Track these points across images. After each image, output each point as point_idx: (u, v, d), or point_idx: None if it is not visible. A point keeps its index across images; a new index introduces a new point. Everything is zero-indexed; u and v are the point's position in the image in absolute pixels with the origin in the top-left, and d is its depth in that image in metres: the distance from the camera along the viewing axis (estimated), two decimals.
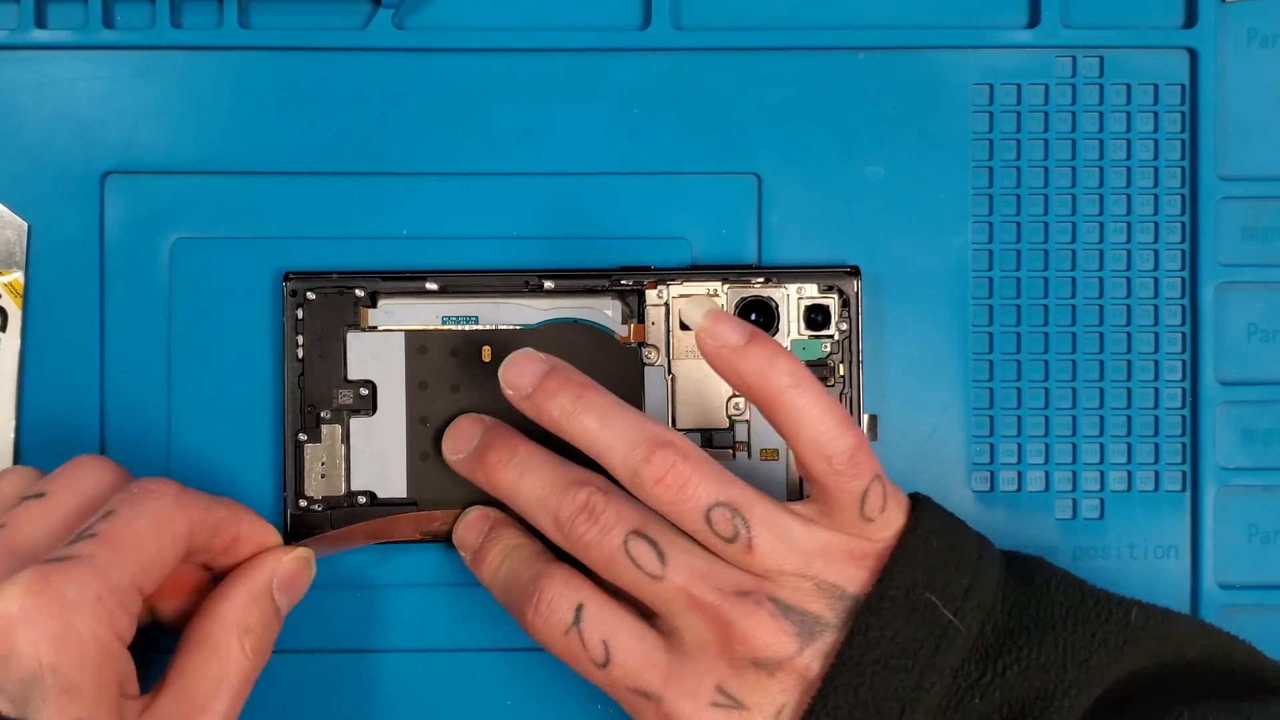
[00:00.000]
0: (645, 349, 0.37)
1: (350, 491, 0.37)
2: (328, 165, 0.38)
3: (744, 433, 0.37)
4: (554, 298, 0.37)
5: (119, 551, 0.30)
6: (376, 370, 0.36)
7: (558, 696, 0.38)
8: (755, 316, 0.37)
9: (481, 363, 0.36)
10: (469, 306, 0.37)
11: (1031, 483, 0.38)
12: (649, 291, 0.37)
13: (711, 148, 0.38)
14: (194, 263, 0.38)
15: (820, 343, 0.37)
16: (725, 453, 0.37)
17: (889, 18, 0.38)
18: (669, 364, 0.37)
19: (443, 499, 0.37)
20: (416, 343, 0.36)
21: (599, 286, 0.37)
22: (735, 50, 0.38)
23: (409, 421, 0.37)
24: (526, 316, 0.37)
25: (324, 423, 0.36)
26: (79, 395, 0.37)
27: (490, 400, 0.36)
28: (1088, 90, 0.39)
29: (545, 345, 0.35)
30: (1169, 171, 0.39)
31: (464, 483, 0.36)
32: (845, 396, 0.37)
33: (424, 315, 0.37)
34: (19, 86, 0.38)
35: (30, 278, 0.38)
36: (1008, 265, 0.38)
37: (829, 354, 0.37)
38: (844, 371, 0.37)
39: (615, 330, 0.37)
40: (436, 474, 0.37)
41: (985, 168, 0.38)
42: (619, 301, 0.37)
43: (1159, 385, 0.38)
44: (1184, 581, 0.38)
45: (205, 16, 0.38)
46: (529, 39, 0.38)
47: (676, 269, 0.37)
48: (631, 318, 0.37)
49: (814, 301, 0.37)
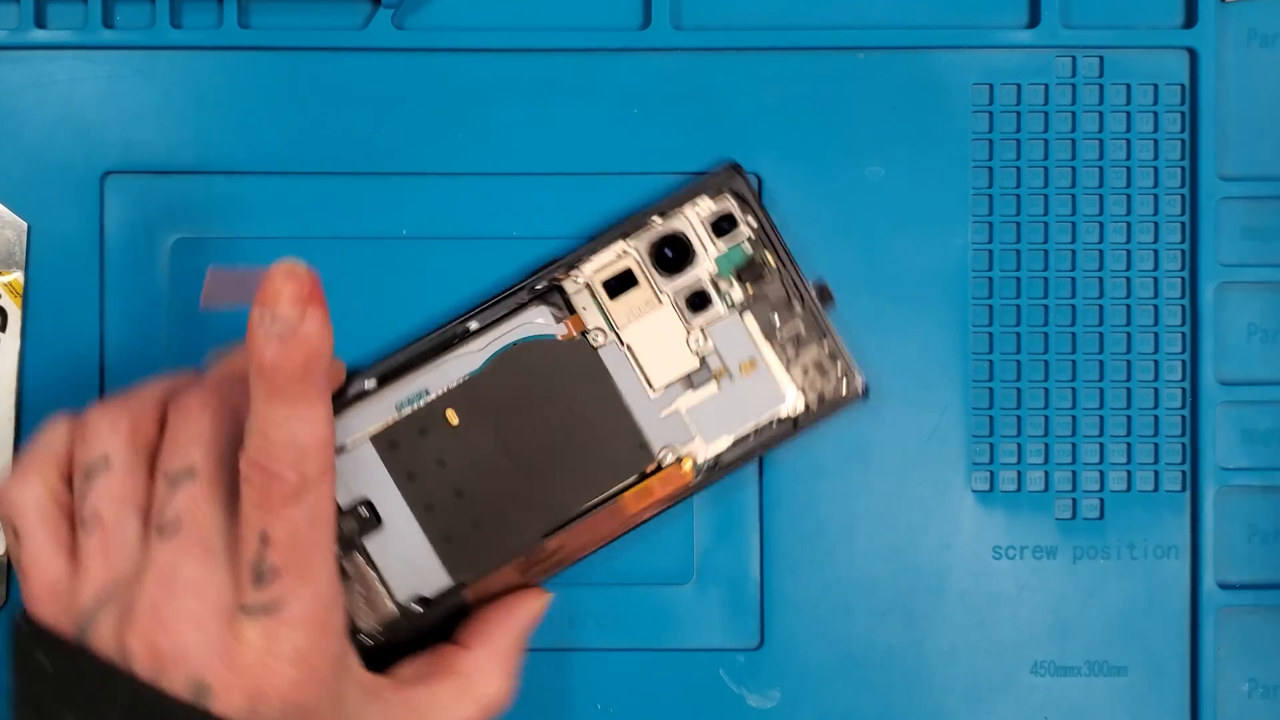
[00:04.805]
0: (590, 334, 0.36)
1: (400, 605, 0.35)
2: (328, 165, 0.38)
3: (717, 361, 0.36)
4: (485, 333, 0.36)
5: (308, 574, 0.30)
6: (363, 486, 0.36)
7: (557, 695, 0.38)
8: (669, 253, 0.36)
9: (452, 427, 0.36)
10: (415, 382, 0.36)
11: (1031, 483, 0.38)
12: (565, 283, 0.36)
13: (711, 148, 0.38)
14: (194, 263, 0.38)
15: (739, 247, 0.36)
16: (712, 385, 0.36)
17: (889, 18, 0.38)
18: (618, 337, 0.36)
19: (486, 562, 0.36)
20: (385, 442, 0.36)
21: (521, 301, 0.36)
22: (735, 50, 0.38)
23: (418, 517, 0.36)
24: (469, 364, 0.36)
25: (342, 560, 0.35)
26: (79, 395, 0.38)
27: (480, 458, 0.36)
28: (1088, 90, 0.39)
29: (502, 380, 0.35)
30: (1169, 171, 0.39)
31: (498, 541, 0.36)
32: (786, 282, 0.36)
33: (378, 413, 0.36)
34: (19, 86, 0.38)
35: (30, 278, 0.38)
36: (1008, 265, 0.38)
37: (751, 254, 0.36)
38: (773, 261, 0.36)
39: (555, 333, 0.36)
40: (469, 547, 0.36)
41: (985, 168, 0.38)
42: (544, 305, 0.36)
43: (1159, 385, 0.38)
44: (1184, 581, 0.38)
45: (205, 16, 0.38)
46: (529, 39, 0.38)
47: (576, 250, 0.36)
48: (563, 314, 0.36)
49: (715, 212, 0.36)
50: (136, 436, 0.31)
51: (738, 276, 0.36)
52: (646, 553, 0.38)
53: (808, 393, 0.36)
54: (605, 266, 0.36)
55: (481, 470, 0.36)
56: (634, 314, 0.36)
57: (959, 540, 0.38)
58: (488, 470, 0.36)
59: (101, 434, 0.31)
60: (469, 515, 0.36)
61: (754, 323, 0.36)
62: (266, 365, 0.29)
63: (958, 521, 0.38)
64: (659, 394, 0.36)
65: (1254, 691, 0.38)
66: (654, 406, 0.36)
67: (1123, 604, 0.38)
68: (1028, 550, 0.38)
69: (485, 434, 0.36)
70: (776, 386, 0.36)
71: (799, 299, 0.36)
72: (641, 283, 0.36)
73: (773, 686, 0.38)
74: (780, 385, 0.36)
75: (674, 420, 0.36)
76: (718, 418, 0.36)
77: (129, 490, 0.31)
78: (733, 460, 0.36)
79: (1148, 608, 0.38)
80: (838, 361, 0.36)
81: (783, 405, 0.36)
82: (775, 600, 0.38)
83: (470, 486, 0.36)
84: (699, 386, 0.36)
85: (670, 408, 0.36)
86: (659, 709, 0.38)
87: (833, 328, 0.36)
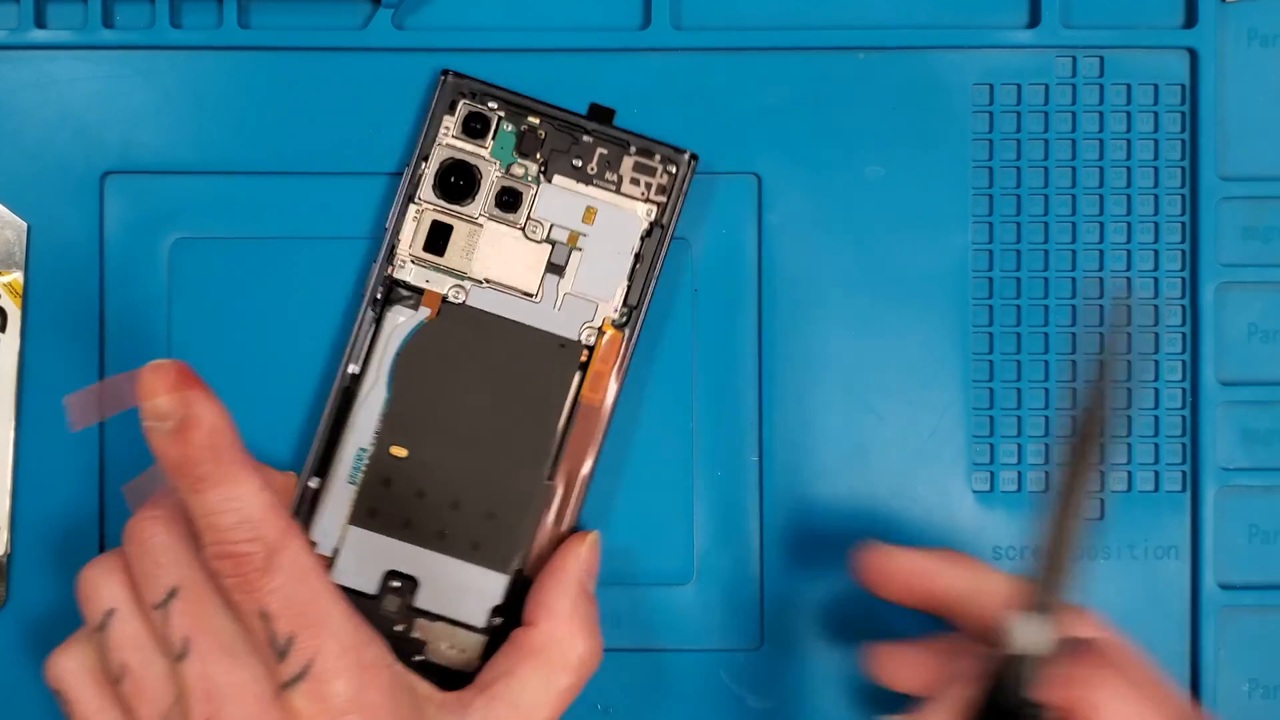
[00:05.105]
0: (449, 297, 0.36)
1: (484, 629, 0.36)
2: (328, 165, 0.38)
3: (561, 232, 0.36)
4: (368, 365, 0.36)
5: (320, 627, 0.30)
6: (377, 563, 0.36)
7: None
8: (457, 180, 0.36)
9: (405, 458, 0.36)
10: (347, 449, 0.36)
11: (1032, 483, 0.38)
12: (395, 273, 0.36)
13: (711, 148, 0.38)
14: (194, 263, 0.38)
15: (502, 132, 0.36)
16: (574, 255, 0.36)
17: (889, 18, 0.38)
18: (471, 281, 0.36)
19: (518, 540, 0.36)
20: (364, 515, 0.36)
21: (375, 316, 0.36)
22: (735, 50, 0.38)
23: (439, 550, 0.36)
24: (377, 399, 0.36)
25: (412, 632, 0.36)
26: None
27: (447, 466, 0.36)
28: (1088, 90, 0.39)
29: (412, 390, 0.36)
30: (1169, 171, 0.39)
31: (514, 518, 0.36)
32: (561, 127, 0.36)
33: (340, 498, 0.36)
34: (19, 86, 0.38)
35: (30, 278, 0.38)
36: (1008, 265, 0.38)
37: (514, 128, 0.36)
38: (537, 120, 0.36)
39: (422, 319, 0.36)
40: (497, 541, 0.36)
41: (985, 168, 0.38)
42: (396, 305, 0.36)
43: (1159, 385, 0.38)
44: (1184, 582, 0.38)
45: (205, 16, 0.38)
46: (529, 39, 0.38)
47: (380, 244, 0.36)
48: (415, 298, 0.36)
49: (462, 120, 0.36)
50: (129, 582, 0.32)
51: (522, 155, 0.36)
52: (646, 553, 0.38)
53: (651, 196, 0.36)
54: (414, 234, 0.36)
55: (456, 474, 0.36)
56: (467, 252, 0.36)
57: (959, 540, 0.38)
58: (460, 470, 0.36)
59: (99, 589, 0.32)
60: (476, 516, 0.36)
61: (565, 179, 0.36)
62: (176, 462, 0.30)
63: (958, 522, 0.38)
64: (541, 296, 0.36)
65: (1254, 691, 0.38)
66: (546, 307, 0.36)
67: (1123, 604, 0.38)
68: (1028, 550, 0.38)
69: (436, 443, 0.36)
70: (623, 213, 0.36)
71: (582, 131, 0.36)
72: (452, 223, 0.36)
73: (773, 686, 0.38)
74: (625, 210, 0.36)
75: (569, 304, 0.36)
76: (600, 274, 0.36)
77: (140, 633, 0.32)
78: (640, 296, 0.36)
79: (1148, 608, 0.38)
80: (653, 154, 0.36)
81: (638, 223, 0.36)
82: (775, 600, 0.38)
83: (458, 493, 0.36)
84: (566, 263, 0.36)
85: (557, 298, 0.36)
86: (659, 709, 0.38)
87: (626, 131, 0.36)
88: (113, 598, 0.32)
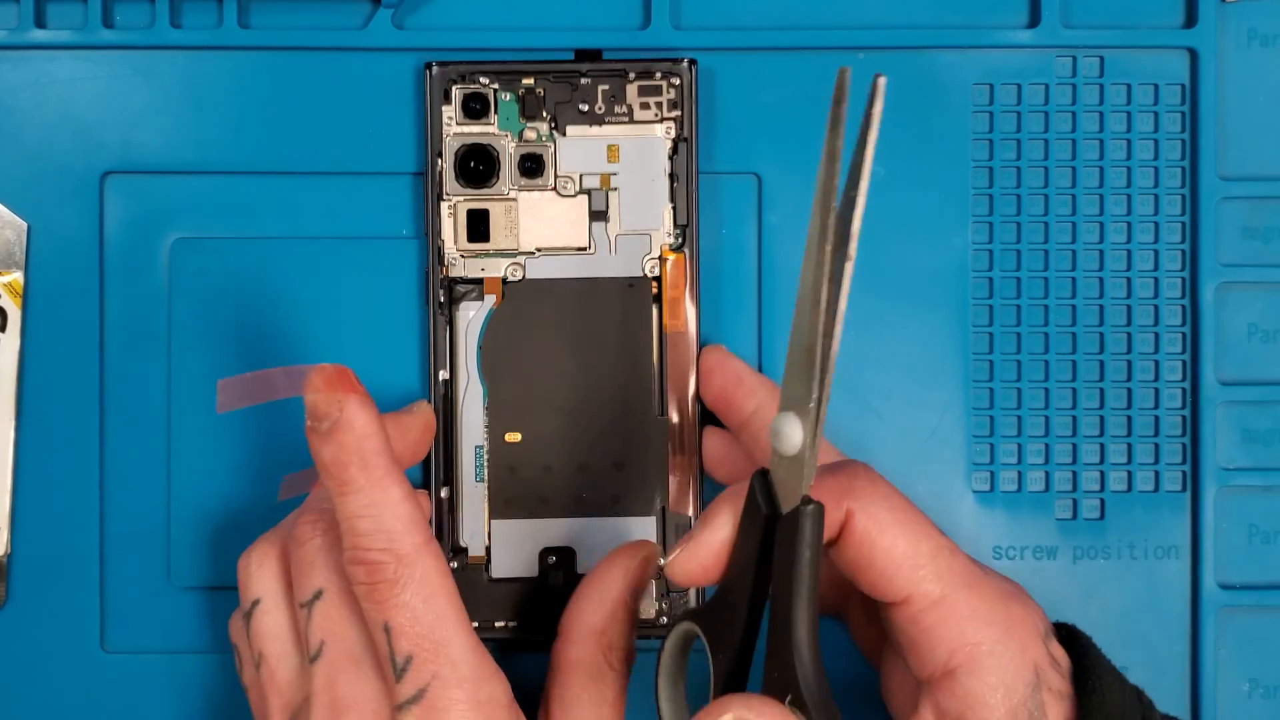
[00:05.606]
0: (508, 276, 0.37)
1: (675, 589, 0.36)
2: (328, 165, 0.38)
3: (592, 179, 0.37)
4: (455, 367, 0.37)
5: (439, 651, 0.30)
6: (547, 538, 0.37)
7: None
8: (477, 165, 0.37)
9: (520, 443, 0.37)
10: (465, 451, 0.37)
11: (1031, 483, 0.38)
12: (449, 272, 0.37)
13: (711, 148, 0.38)
14: (194, 263, 0.38)
15: (502, 103, 0.37)
16: (611, 196, 0.37)
17: (889, 18, 0.38)
18: (524, 255, 0.37)
19: (661, 477, 0.37)
20: (500, 506, 0.37)
21: (446, 319, 0.37)
22: (735, 50, 0.38)
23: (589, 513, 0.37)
24: (475, 396, 0.37)
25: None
26: (79, 395, 0.38)
27: (565, 435, 0.36)
28: (1088, 90, 0.39)
29: (505, 376, 0.36)
30: (1169, 171, 0.39)
31: (653, 461, 0.37)
32: (556, 79, 0.37)
33: (475, 507, 0.37)
34: (19, 86, 0.38)
35: (30, 278, 0.38)
36: (1008, 265, 0.38)
37: (513, 95, 0.37)
38: (533, 80, 0.36)
39: (490, 308, 0.36)
40: (645, 485, 0.37)
41: (985, 168, 0.38)
42: (462, 303, 0.37)
43: (1159, 385, 0.38)
44: (1184, 582, 0.38)
45: (205, 16, 0.38)
46: (529, 39, 0.38)
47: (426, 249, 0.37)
48: (476, 288, 0.37)
49: (461, 104, 0.37)
50: (283, 573, 0.33)
51: (529, 118, 0.37)
52: None
53: (665, 114, 0.37)
54: (454, 230, 0.37)
55: (572, 440, 0.36)
56: (510, 229, 0.36)
57: (959, 540, 0.38)
58: (575, 435, 0.36)
59: (251, 576, 0.33)
60: (606, 471, 0.37)
61: (577, 127, 0.37)
62: (327, 464, 0.30)
63: (958, 521, 0.38)
64: (594, 246, 0.37)
65: (1254, 691, 0.38)
66: (603, 255, 0.37)
67: (1123, 604, 0.38)
68: (1028, 550, 0.38)
69: (545, 418, 0.36)
70: (644, 140, 0.37)
71: (578, 75, 0.37)
72: (486, 206, 0.37)
73: None
74: (645, 136, 0.37)
75: (623, 244, 0.37)
76: (642, 206, 0.37)
77: (281, 626, 0.32)
78: (689, 213, 0.37)
79: (1148, 608, 0.38)
80: (654, 73, 0.37)
81: (662, 144, 0.37)
82: None
83: (582, 456, 0.37)
84: (607, 206, 0.37)
85: (610, 242, 0.37)
86: None
87: (620, 60, 0.37)
88: (260, 588, 0.33)
